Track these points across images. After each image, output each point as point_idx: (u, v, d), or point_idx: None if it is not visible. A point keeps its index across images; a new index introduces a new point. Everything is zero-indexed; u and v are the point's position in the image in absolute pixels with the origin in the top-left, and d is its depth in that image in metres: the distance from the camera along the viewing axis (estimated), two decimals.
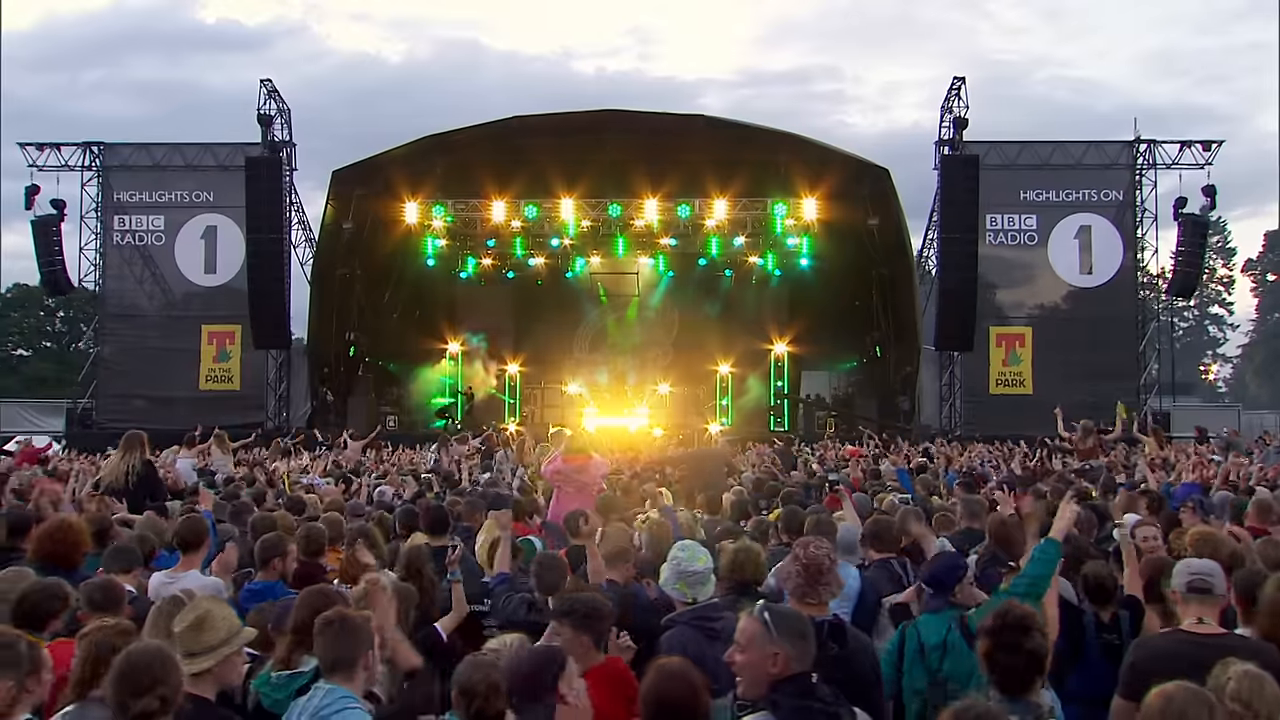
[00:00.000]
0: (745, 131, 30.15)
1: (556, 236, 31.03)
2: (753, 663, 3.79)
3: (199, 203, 32.13)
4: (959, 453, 19.82)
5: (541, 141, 29.51)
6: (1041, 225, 30.75)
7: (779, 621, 3.82)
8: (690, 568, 5.42)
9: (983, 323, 29.55)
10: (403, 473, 14.13)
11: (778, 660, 3.75)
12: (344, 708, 3.93)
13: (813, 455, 19.53)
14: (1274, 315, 68.04)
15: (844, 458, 17.09)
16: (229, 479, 13.22)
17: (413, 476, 13.57)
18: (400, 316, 33.23)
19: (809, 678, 3.76)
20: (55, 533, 6.24)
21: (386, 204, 30.31)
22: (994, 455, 18.34)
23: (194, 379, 31.79)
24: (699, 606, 5.24)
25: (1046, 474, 12.14)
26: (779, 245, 31.54)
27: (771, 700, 3.69)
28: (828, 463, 17.34)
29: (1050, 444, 17.37)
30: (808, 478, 13.03)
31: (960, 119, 29.16)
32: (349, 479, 13.61)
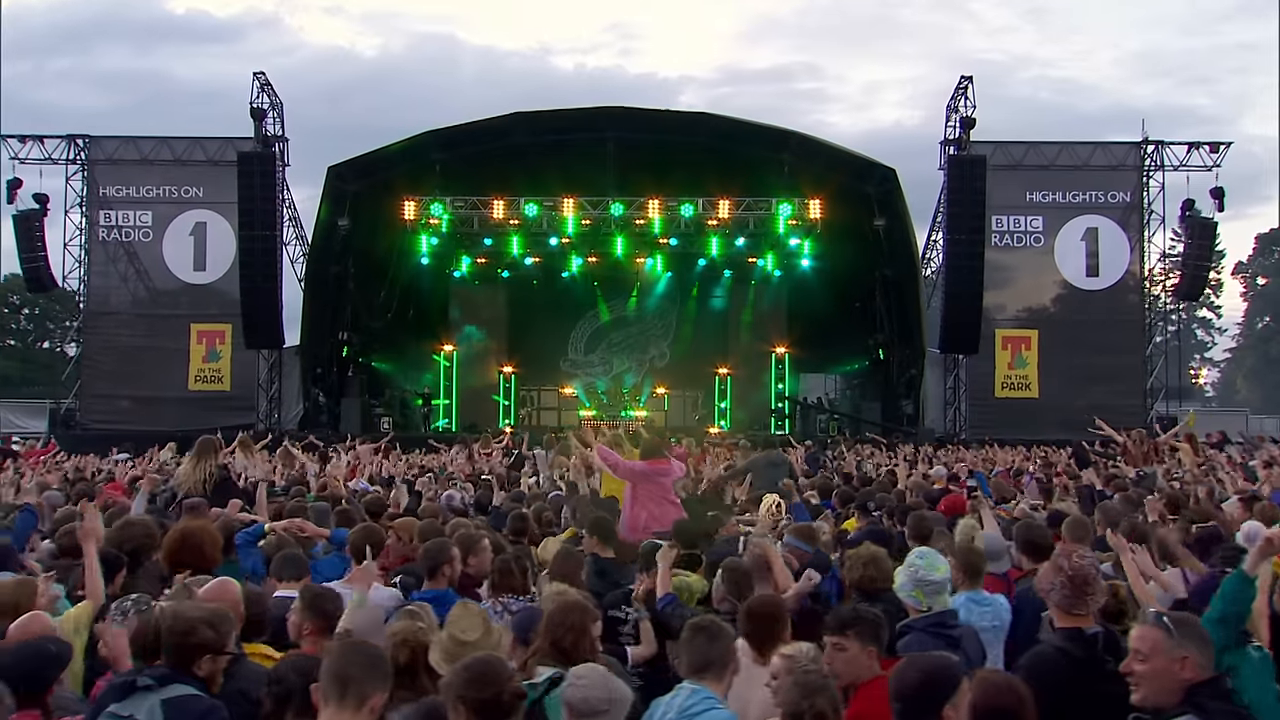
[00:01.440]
0: (749, 129, 30.56)
1: (555, 235, 30.98)
2: (1158, 670, 3.85)
3: (188, 198, 31.98)
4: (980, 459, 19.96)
5: (542, 139, 29.82)
6: (1048, 227, 31.13)
7: (1180, 627, 3.90)
8: (929, 576, 5.44)
9: (988, 325, 29.80)
10: (451, 476, 14.07)
11: (1186, 665, 3.82)
12: (709, 708, 4.12)
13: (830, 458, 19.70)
14: (1264, 319, 68.97)
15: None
16: (271, 484, 13.18)
17: (470, 481, 13.59)
18: (394, 316, 33.18)
19: (1224, 681, 3.87)
20: (188, 539, 6.29)
21: (382, 201, 30.19)
22: (1025, 461, 18.51)
23: (182, 379, 31.65)
24: (935, 614, 5.32)
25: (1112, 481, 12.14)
26: (780, 245, 31.63)
27: (1194, 704, 3.76)
28: (845, 468, 17.56)
29: (1094, 449, 17.59)
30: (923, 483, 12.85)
31: (968, 119, 29.43)
32: (390, 483, 13.64)
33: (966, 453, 21.63)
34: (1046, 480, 12.52)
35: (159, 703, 4.04)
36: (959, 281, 28.53)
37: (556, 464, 16.31)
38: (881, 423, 30.50)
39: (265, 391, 31.69)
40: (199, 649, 4.25)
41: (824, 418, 32.37)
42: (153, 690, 4.06)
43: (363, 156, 29.96)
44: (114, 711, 4.02)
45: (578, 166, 29.72)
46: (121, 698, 4.06)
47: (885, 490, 11.59)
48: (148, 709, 4.02)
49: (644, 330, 35.75)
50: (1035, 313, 31.48)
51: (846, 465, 18.50)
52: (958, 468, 15.58)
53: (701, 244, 31.77)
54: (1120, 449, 15.85)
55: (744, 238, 31.42)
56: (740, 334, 34.61)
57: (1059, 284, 31.30)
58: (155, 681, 4.09)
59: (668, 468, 10.36)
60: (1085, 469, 15.13)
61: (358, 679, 3.59)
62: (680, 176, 29.57)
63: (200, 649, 4.25)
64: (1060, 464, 16.53)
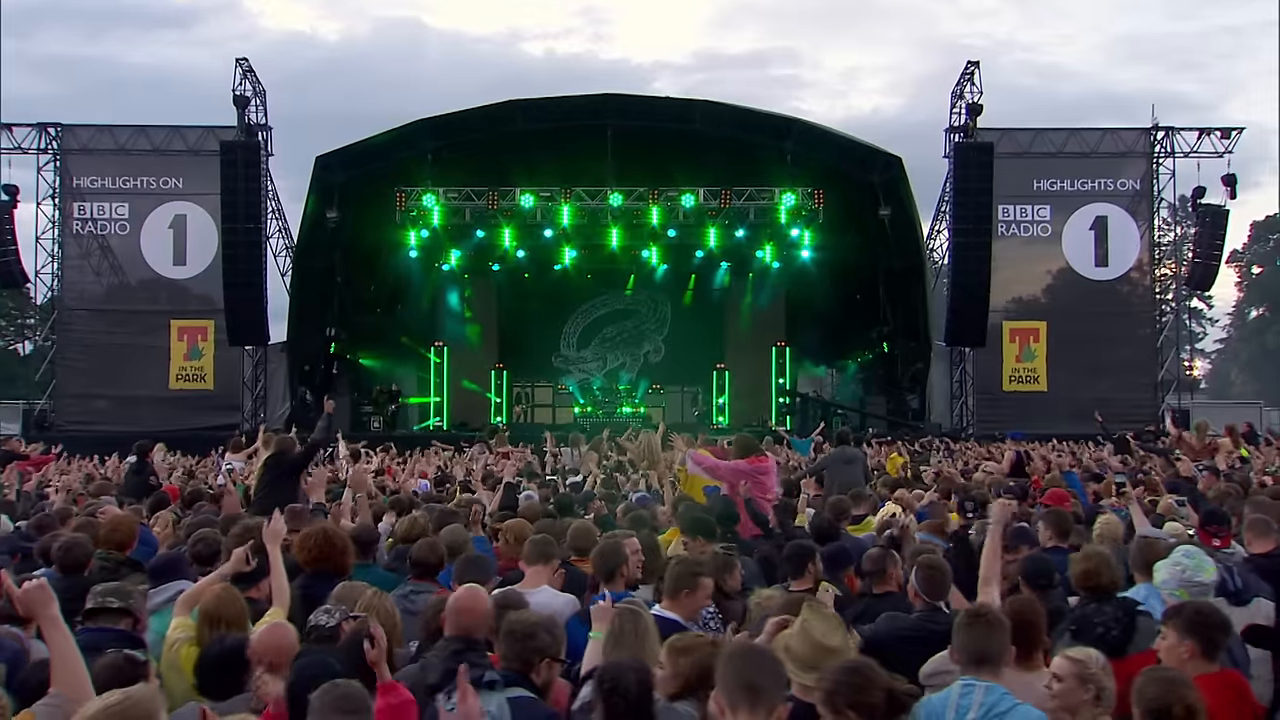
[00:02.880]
0: (751, 117, 30.81)
1: (550, 227, 31.09)
2: None
3: (167, 189, 31.95)
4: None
5: (538, 127, 29.98)
6: (1055, 216, 31.59)
7: None
8: (1196, 578, 5.49)
9: (995, 318, 30.21)
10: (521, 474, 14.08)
11: None
12: (1014, 704, 4.23)
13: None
14: (1259, 308, 69.77)
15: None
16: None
17: (529, 479, 13.62)
18: (383, 312, 33.30)
19: None
20: (323, 542, 6.43)
21: (372, 192, 30.37)
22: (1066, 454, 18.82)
23: (162, 378, 31.64)
24: None
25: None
26: (781, 236, 31.80)
27: None
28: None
29: (1141, 442, 17.91)
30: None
31: (974, 105, 29.64)
32: (447, 482, 13.79)
33: (990, 446, 21.76)
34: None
35: (505, 700, 4.31)
36: (966, 273, 28.83)
37: (588, 460, 16.31)
38: (887, 417, 30.82)
39: (250, 390, 31.74)
40: (538, 654, 4.49)
41: (828, 413, 32.10)
42: (497, 688, 4.33)
43: (351, 146, 29.97)
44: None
45: (575, 156, 29.88)
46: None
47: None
48: (496, 704, 4.29)
49: (638, 325, 36.04)
50: (1043, 304, 31.97)
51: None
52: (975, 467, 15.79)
53: (700, 235, 31.84)
54: (1175, 442, 16.11)
55: (744, 228, 31.52)
56: (738, 328, 34.92)
57: (1067, 274, 31.76)
58: (502, 680, 4.37)
59: (767, 465, 10.33)
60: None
61: (768, 689, 3.62)
62: (680, 166, 29.89)
63: (539, 654, 4.49)
64: (1102, 459, 16.78)
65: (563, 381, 35.26)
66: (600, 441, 18.06)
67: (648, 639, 4.66)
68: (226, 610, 5.29)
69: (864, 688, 3.72)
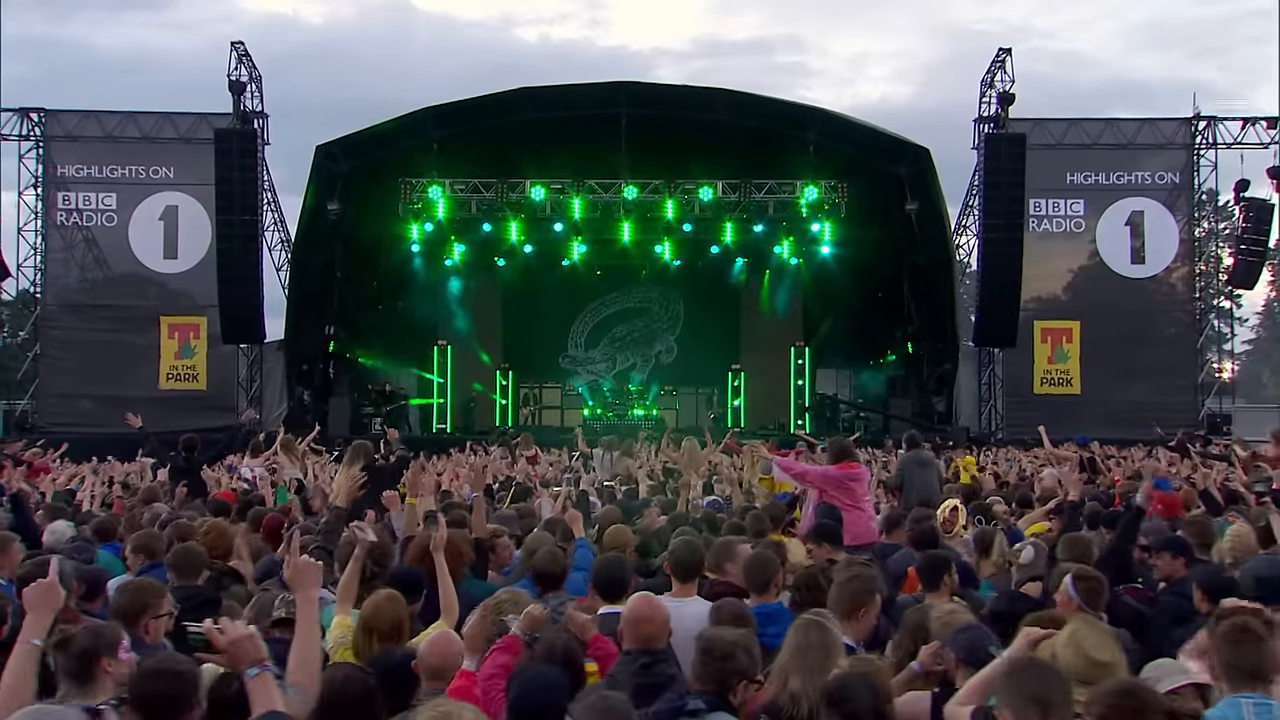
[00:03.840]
0: (772, 107, 30.73)
1: (560, 220, 30.81)
2: None
3: (157, 179, 31.59)
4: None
5: (550, 115, 29.71)
6: (1089, 210, 31.32)
7: None
8: None
9: (1026, 317, 29.92)
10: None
11: None
12: None
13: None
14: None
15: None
16: None
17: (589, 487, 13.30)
18: (384, 308, 33.02)
19: None
20: (456, 553, 6.52)
21: (375, 183, 30.11)
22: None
23: (152, 377, 31.27)
24: None
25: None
26: (802, 231, 31.59)
27: None
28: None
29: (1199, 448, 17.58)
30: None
31: (1006, 94, 29.38)
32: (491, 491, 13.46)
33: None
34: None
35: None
36: (996, 270, 28.65)
37: (621, 466, 16.31)
38: (912, 420, 30.11)
39: (245, 391, 31.44)
40: (737, 675, 4.48)
41: (849, 416, 32.28)
42: (700, 715, 4.27)
43: (354, 135, 29.77)
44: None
45: (587, 146, 29.65)
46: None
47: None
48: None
49: (650, 324, 35.62)
50: (1076, 303, 31.62)
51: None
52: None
53: (716, 230, 31.60)
54: (1250, 457, 15.69)
55: (762, 223, 31.28)
56: (755, 327, 34.54)
57: (1101, 271, 31.47)
58: (705, 706, 4.30)
59: (858, 472, 10.19)
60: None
61: (1058, 703, 3.65)
62: (697, 158, 29.67)
63: (738, 675, 4.48)
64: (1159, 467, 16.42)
65: (571, 383, 34.90)
66: (632, 445, 17.98)
67: (833, 653, 4.63)
68: (385, 617, 5.29)
69: (1141, 711, 3.67)
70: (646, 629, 4.91)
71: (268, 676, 3.91)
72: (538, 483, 13.12)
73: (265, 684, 3.88)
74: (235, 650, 3.93)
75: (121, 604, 5.28)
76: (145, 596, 5.27)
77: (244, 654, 3.92)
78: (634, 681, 4.56)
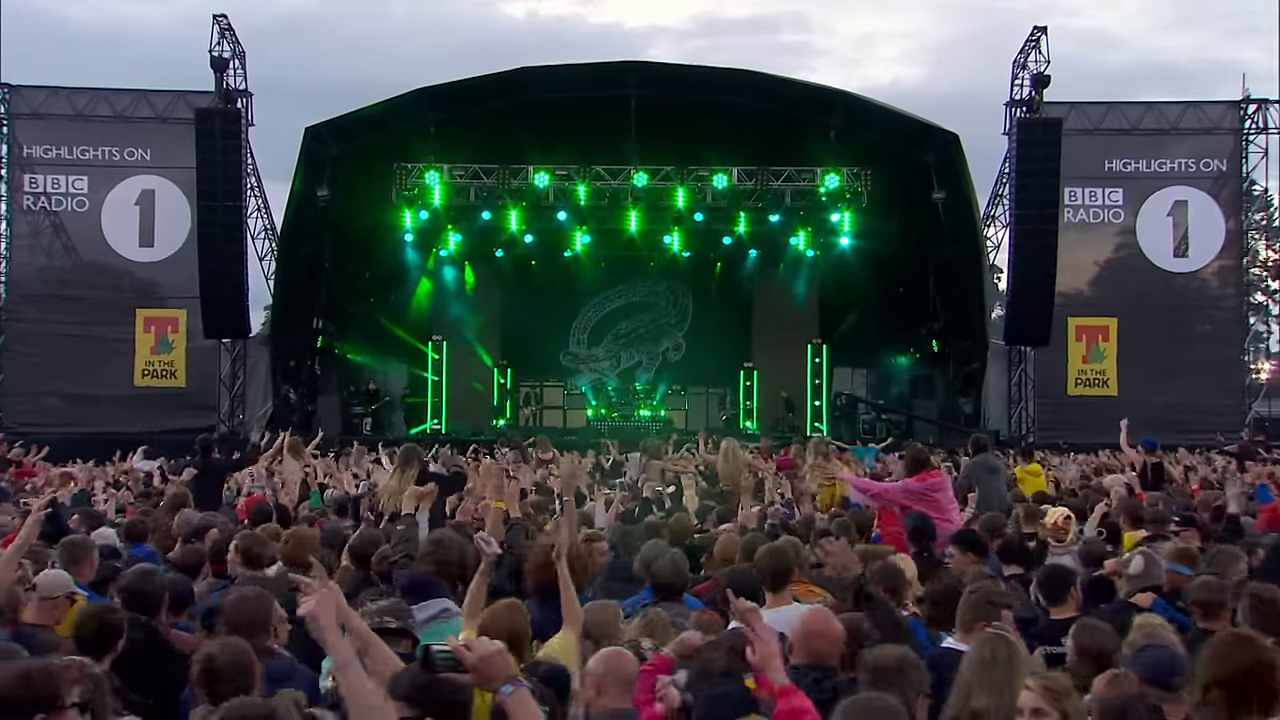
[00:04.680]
0: (791, 89, 30.34)
1: (564, 209, 30.14)
2: None
3: (132, 161, 30.85)
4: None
5: (553, 97, 28.98)
6: (1129, 200, 30.64)
7: None
8: None
9: (1059, 313, 29.22)
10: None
11: None
12: None
13: None
14: None
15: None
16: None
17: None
18: (376, 301, 32.44)
19: None
20: (549, 564, 6.24)
21: (366, 168, 29.53)
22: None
23: (126, 374, 30.59)
24: None
25: None
26: (819, 222, 31.05)
27: None
28: None
29: None
30: None
31: (1040, 76, 28.71)
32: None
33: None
34: None
35: None
36: (1029, 263, 28.18)
37: (650, 471, 15.74)
38: (938, 422, 30.21)
39: (227, 388, 30.71)
40: (912, 689, 4.49)
41: (870, 418, 31.57)
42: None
43: (345, 116, 29.07)
44: None
45: (593, 130, 29.01)
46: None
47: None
48: None
49: (656, 319, 34.97)
50: (1113, 299, 30.90)
51: None
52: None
53: (729, 220, 31.06)
54: None
55: (778, 213, 30.72)
56: (768, 323, 33.79)
57: (1142, 265, 30.79)
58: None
59: (939, 482, 9.99)
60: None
61: None
62: (710, 143, 29.05)
63: (914, 689, 4.50)
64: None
65: (574, 382, 34.14)
66: (660, 447, 17.67)
67: (1021, 670, 4.56)
68: (503, 625, 5.23)
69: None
70: (820, 644, 4.92)
71: (524, 693, 3.77)
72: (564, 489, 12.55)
73: (522, 701, 3.74)
74: (486, 667, 3.75)
75: (246, 615, 5.38)
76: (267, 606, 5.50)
77: (495, 671, 3.75)
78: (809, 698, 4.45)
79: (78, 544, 7.23)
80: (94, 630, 5.26)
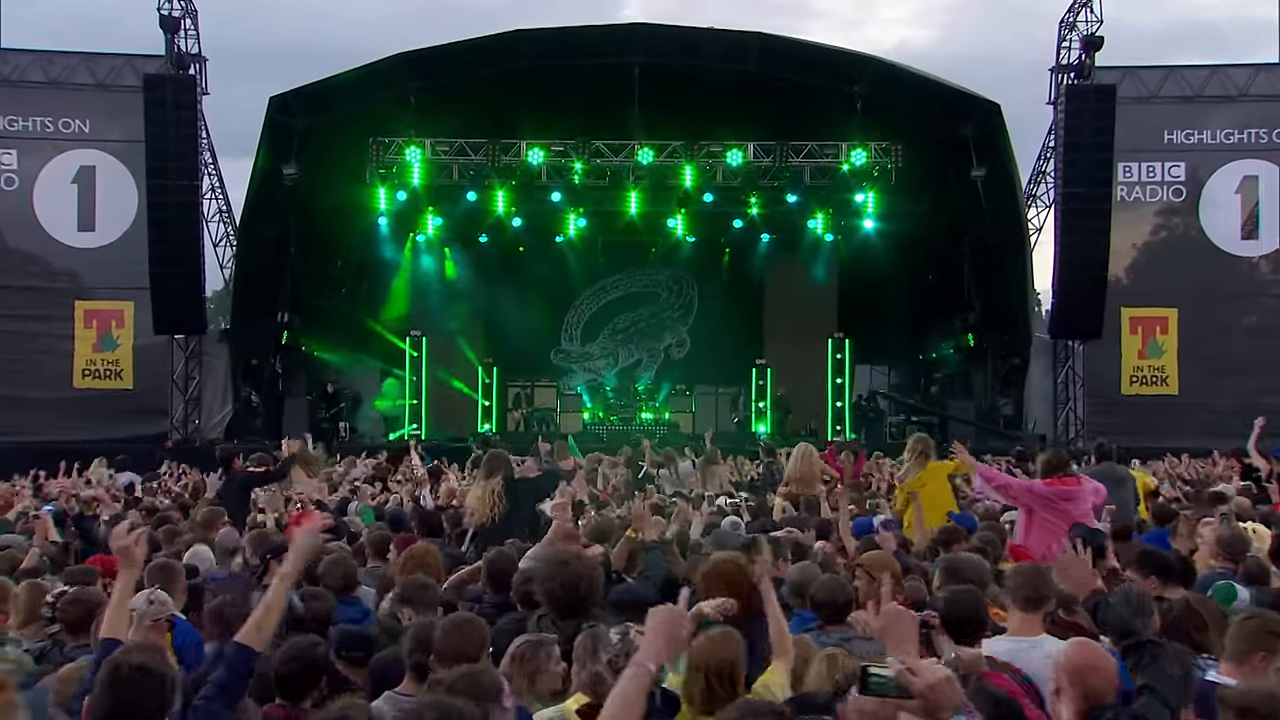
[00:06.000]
0: (814, 54, 29.26)
1: (558, 189, 28.98)
2: None
3: (69, 134, 29.50)
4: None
5: (548, 64, 28.05)
6: (1191, 176, 29.53)
7: None
8: None
9: (1112, 303, 28.16)
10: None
11: None
12: None
13: None
14: None
15: None
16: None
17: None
18: (348, 292, 31.54)
19: None
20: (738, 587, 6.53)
21: (338, 143, 28.36)
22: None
23: (64, 374, 29.28)
24: None
25: None
26: (840, 202, 29.97)
27: None
28: None
29: None
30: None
31: (1092, 38, 27.58)
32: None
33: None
34: None
35: None
36: (1078, 247, 27.21)
37: (712, 478, 15.80)
38: (975, 423, 29.13)
39: (180, 390, 29.18)
40: None
41: (899, 420, 30.61)
42: None
43: (313, 85, 27.74)
44: None
45: (593, 102, 27.90)
46: None
47: None
48: None
49: (658, 312, 34.05)
50: (1173, 286, 29.70)
51: None
52: None
53: (740, 201, 30.01)
54: None
55: (795, 193, 29.57)
56: (782, 315, 32.74)
57: (1205, 248, 29.69)
58: None
59: (1077, 489, 9.63)
60: None
61: None
62: (722, 116, 27.96)
63: None
64: None
65: (569, 383, 33.27)
66: (716, 453, 17.27)
67: None
68: (717, 658, 5.06)
69: None
70: (1095, 680, 4.69)
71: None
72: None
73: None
74: (935, 695, 3.64)
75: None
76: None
77: (945, 698, 3.66)
78: None
79: (171, 568, 7.26)
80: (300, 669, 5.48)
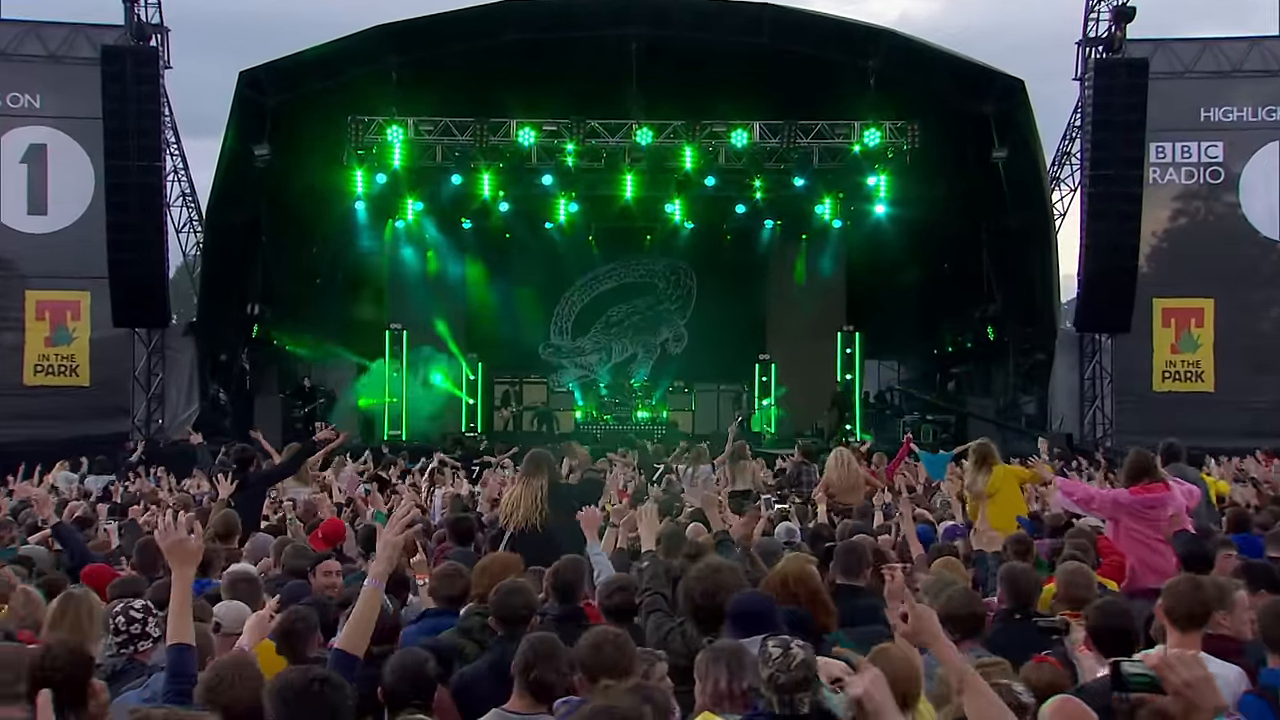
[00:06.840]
0: (825, 26, 28.45)
1: (549, 172, 28.40)
2: None
3: (17, 109, 28.42)
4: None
5: (542, 37, 27.60)
6: (1230, 156, 28.62)
7: None
8: None
9: (1143, 293, 27.38)
10: None
11: None
12: None
13: None
14: None
15: None
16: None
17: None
18: (323, 282, 30.93)
19: None
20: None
21: (314, 122, 27.58)
22: None
23: (15, 369, 28.28)
24: None
25: None
26: (849, 186, 29.37)
27: None
28: None
29: None
30: None
31: (1124, 8, 26.57)
32: None
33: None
34: None
35: None
36: (1106, 233, 26.17)
37: (742, 475, 15.67)
38: (995, 421, 28.21)
39: (142, 387, 28.23)
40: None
41: (913, 418, 29.69)
42: None
43: (286, 59, 27.21)
44: None
45: (588, 78, 27.16)
46: None
47: None
48: None
49: (654, 304, 33.77)
50: (1210, 276, 28.83)
51: None
52: None
53: (744, 185, 29.56)
54: None
55: (802, 176, 28.95)
56: (787, 306, 32.48)
57: (1245, 234, 28.83)
58: None
59: (1164, 496, 9.41)
60: None
61: None
62: (725, 93, 27.38)
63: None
64: None
65: (560, 379, 32.87)
66: (744, 447, 17.05)
67: None
68: (898, 674, 4.78)
69: None
70: None
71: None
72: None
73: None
74: (1193, 694, 3.86)
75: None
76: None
77: (1204, 698, 3.85)
78: None
79: (251, 579, 7.47)
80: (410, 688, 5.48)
